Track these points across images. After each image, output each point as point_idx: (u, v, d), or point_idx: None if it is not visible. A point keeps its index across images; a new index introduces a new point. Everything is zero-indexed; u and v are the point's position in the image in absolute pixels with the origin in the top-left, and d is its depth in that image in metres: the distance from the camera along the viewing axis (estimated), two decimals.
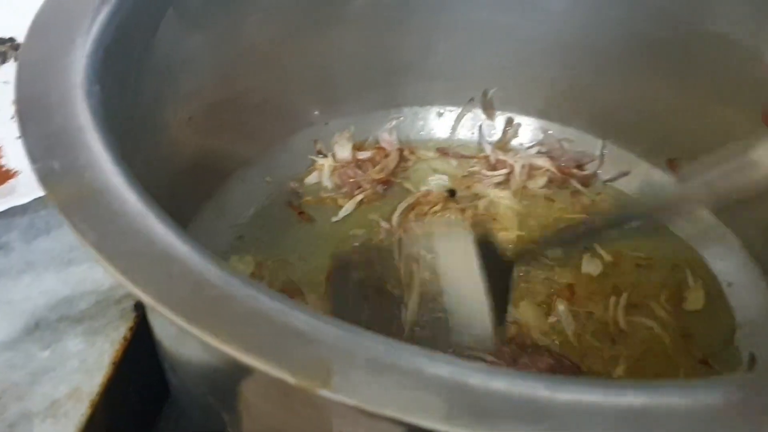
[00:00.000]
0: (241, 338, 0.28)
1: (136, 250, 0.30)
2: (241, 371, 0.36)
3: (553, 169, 0.76)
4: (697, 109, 0.71)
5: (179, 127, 0.59)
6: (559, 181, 0.76)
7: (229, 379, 0.38)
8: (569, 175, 0.76)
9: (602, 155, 0.78)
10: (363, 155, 0.77)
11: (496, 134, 0.81)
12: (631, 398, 0.28)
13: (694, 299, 0.66)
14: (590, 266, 0.67)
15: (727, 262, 0.70)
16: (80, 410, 0.51)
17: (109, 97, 0.42)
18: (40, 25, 0.44)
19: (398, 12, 0.73)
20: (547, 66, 0.76)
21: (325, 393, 0.26)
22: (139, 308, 0.58)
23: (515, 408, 0.27)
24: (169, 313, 0.28)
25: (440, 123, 0.82)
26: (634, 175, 0.77)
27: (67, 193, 0.33)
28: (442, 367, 0.28)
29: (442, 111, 0.81)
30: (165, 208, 0.33)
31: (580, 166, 0.77)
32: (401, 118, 0.80)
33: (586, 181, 0.76)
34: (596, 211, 0.71)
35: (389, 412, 0.26)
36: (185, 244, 0.31)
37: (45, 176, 0.33)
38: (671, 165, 0.76)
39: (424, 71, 0.78)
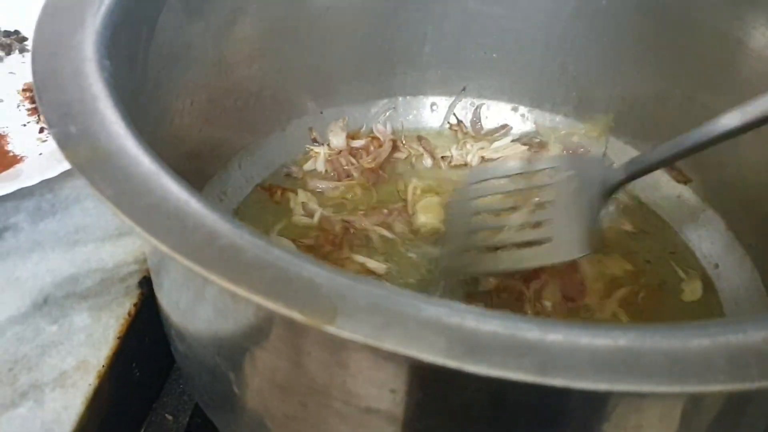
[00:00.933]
0: (251, 282, 0.30)
1: (152, 205, 0.32)
2: (250, 325, 0.38)
3: None
4: (683, 99, 0.73)
5: (182, 112, 0.61)
6: None
7: (237, 335, 0.40)
8: None
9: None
10: (357, 144, 0.79)
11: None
12: (617, 338, 0.30)
13: (691, 291, 0.68)
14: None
15: (712, 244, 0.72)
16: (88, 381, 0.53)
17: (119, 74, 0.43)
18: (51, 7, 0.46)
19: (391, 2, 0.75)
20: (537, 56, 0.79)
21: (330, 329, 0.28)
22: (143, 286, 0.60)
23: (505, 345, 0.29)
24: (185, 260, 0.30)
25: (433, 113, 0.84)
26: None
27: (84, 155, 0.35)
28: (439, 310, 0.30)
29: (435, 101, 0.83)
30: None
31: None
32: (395, 108, 0.82)
33: None
34: None
35: (389, 346, 0.28)
36: (197, 201, 0.33)
37: (62, 140, 0.35)
38: None
39: (416, 61, 0.80)
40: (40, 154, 0.67)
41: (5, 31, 0.82)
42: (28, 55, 0.74)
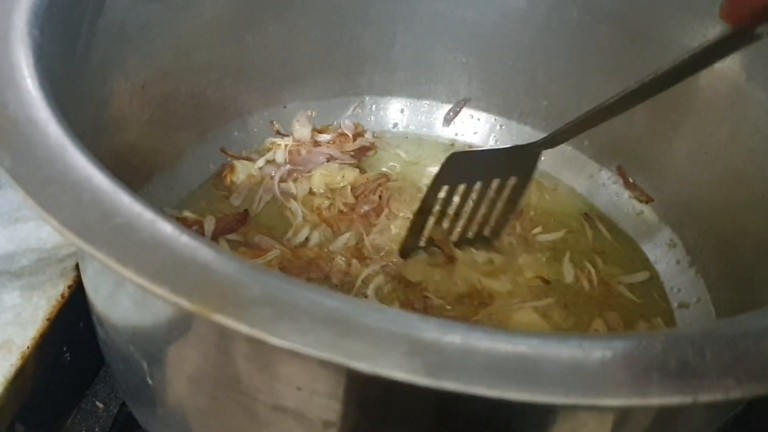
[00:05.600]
0: (140, 264, 0.28)
1: (50, 177, 0.31)
2: (158, 313, 0.37)
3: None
4: (647, 114, 0.72)
5: (131, 94, 0.59)
6: None
7: (148, 323, 0.38)
8: None
9: None
10: (323, 138, 0.77)
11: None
12: (517, 344, 0.29)
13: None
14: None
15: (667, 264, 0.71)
16: (10, 361, 0.51)
17: (51, 47, 0.42)
18: None
19: (361, 0, 0.74)
20: (505, 64, 0.78)
21: (218, 318, 0.27)
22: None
23: (398, 343, 0.28)
24: (74, 237, 0.29)
25: (400, 113, 0.83)
26: (584, 176, 0.79)
27: None
28: (334, 303, 0.29)
29: (402, 102, 0.83)
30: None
31: None
32: (363, 106, 0.81)
33: None
34: None
35: (275, 340, 0.27)
36: (103, 177, 0.32)
37: None
38: (621, 172, 0.77)
39: (385, 61, 0.79)
40: None
41: None
42: None
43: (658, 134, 0.72)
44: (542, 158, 0.78)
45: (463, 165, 0.64)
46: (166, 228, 0.30)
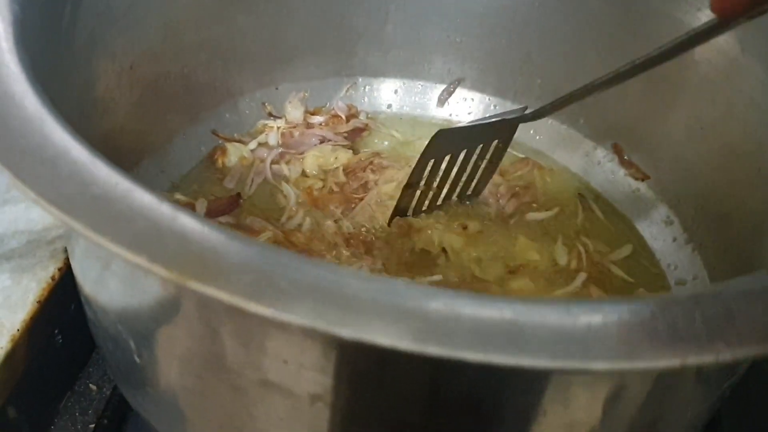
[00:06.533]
0: (117, 233, 0.28)
1: (27, 150, 0.31)
2: (143, 289, 0.36)
3: None
4: (642, 91, 0.71)
5: (119, 74, 0.59)
6: None
7: (133, 301, 0.38)
8: None
9: None
10: (315, 119, 0.77)
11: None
12: (502, 310, 0.28)
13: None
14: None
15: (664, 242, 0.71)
16: (0, 344, 0.51)
17: (32, 22, 0.42)
18: None
19: None
20: (499, 42, 0.77)
21: (196, 285, 0.27)
22: None
23: (382, 310, 0.27)
24: (51, 207, 0.28)
25: (393, 94, 0.82)
26: (579, 154, 0.78)
27: None
28: (317, 271, 0.28)
29: (396, 82, 0.82)
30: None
31: None
32: (356, 87, 0.81)
33: None
34: None
35: (255, 308, 0.26)
36: (81, 149, 0.31)
37: None
38: (617, 149, 0.77)
39: (378, 41, 0.79)
40: None
41: None
42: None
43: (653, 111, 0.71)
44: (537, 137, 0.79)
45: (449, 140, 0.64)
46: (144, 197, 0.29)
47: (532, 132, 0.80)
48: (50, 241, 0.58)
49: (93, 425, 0.57)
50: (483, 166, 0.68)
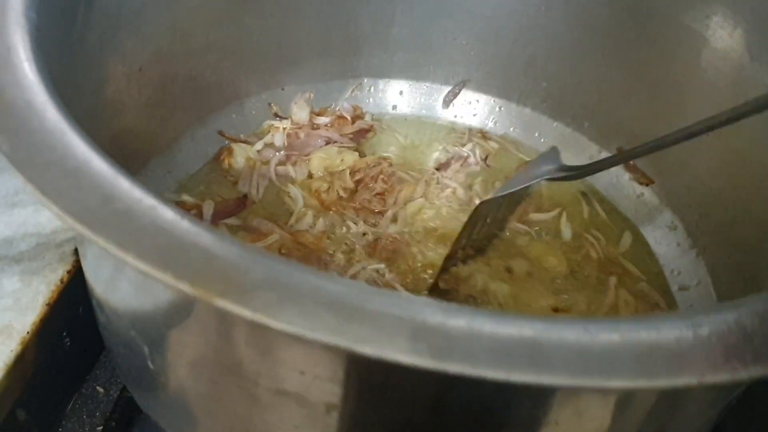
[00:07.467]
0: (142, 249, 0.28)
1: (50, 162, 0.31)
2: (160, 297, 0.37)
3: None
4: (647, 95, 0.72)
5: (129, 77, 0.59)
6: None
7: (149, 308, 0.38)
8: None
9: None
10: (321, 120, 0.77)
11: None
12: (522, 328, 0.28)
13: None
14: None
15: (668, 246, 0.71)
16: (10, 346, 0.51)
17: (48, 30, 0.42)
18: None
19: None
20: (505, 45, 0.77)
21: (221, 303, 0.27)
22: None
23: (403, 327, 0.27)
24: (74, 222, 0.28)
25: (398, 95, 0.82)
26: (584, 158, 0.78)
27: None
28: (338, 288, 0.28)
29: (401, 84, 0.82)
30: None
31: None
32: (361, 88, 0.81)
33: None
34: None
35: (278, 324, 0.27)
36: (102, 162, 0.32)
37: None
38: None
39: (383, 43, 0.79)
40: None
41: None
42: None
43: (659, 116, 0.72)
44: (542, 141, 0.79)
45: (489, 206, 0.66)
46: (167, 213, 0.29)
47: (537, 135, 0.80)
48: (59, 243, 0.58)
49: (100, 427, 0.57)
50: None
